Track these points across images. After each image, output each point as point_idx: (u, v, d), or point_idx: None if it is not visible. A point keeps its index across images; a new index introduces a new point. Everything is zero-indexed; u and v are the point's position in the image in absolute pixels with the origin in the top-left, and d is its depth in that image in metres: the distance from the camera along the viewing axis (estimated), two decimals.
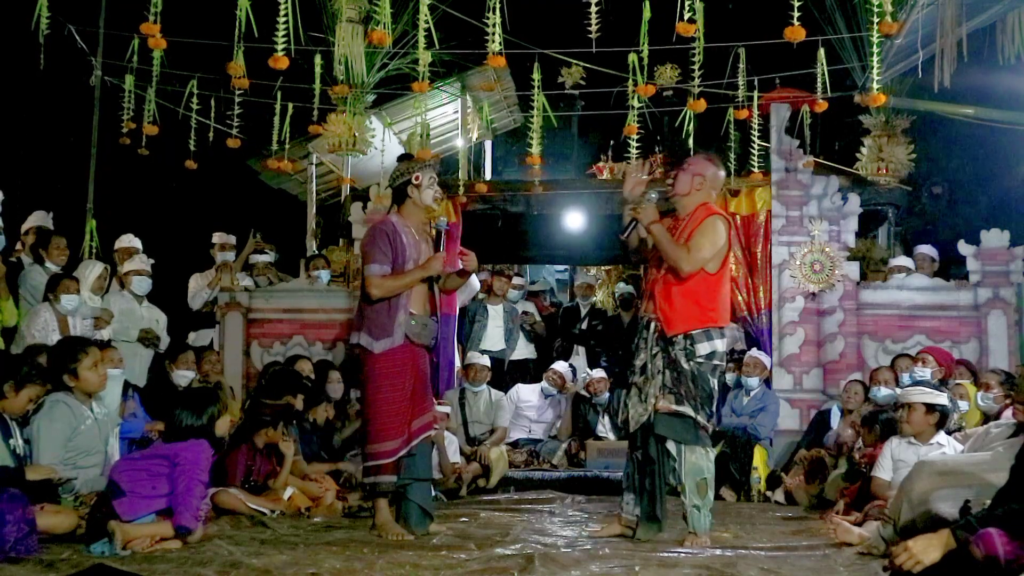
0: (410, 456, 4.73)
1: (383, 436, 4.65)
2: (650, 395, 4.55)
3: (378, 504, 4.71)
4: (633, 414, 4.61)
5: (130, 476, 4.21)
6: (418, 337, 4.73)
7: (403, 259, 4.69)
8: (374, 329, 4.67)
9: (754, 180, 7.99)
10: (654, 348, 4.58)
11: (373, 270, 4.66)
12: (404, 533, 4.57)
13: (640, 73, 6.70)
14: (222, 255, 8.52)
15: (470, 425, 7.88)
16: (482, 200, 8.67)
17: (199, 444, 4.35)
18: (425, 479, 4.89)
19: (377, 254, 4.66)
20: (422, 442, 4.78)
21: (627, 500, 4.79)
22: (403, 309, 4.68)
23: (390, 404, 4.66)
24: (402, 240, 4.71)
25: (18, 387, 4.43)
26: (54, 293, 6.35)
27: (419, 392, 4.78)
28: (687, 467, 4.52)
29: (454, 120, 8.97)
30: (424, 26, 5.77)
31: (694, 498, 4.52)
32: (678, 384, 4.50)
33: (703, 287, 4.56)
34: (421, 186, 4.78)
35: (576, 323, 9.40)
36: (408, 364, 4.71)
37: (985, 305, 7.88)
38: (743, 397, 7.57)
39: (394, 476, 4.69)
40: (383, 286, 4.65)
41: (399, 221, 4.79)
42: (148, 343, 7.28)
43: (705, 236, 4.55)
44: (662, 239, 4.54)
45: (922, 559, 2.92)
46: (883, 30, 5.48)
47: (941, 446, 4.96)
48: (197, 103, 7.51)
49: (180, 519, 4.14)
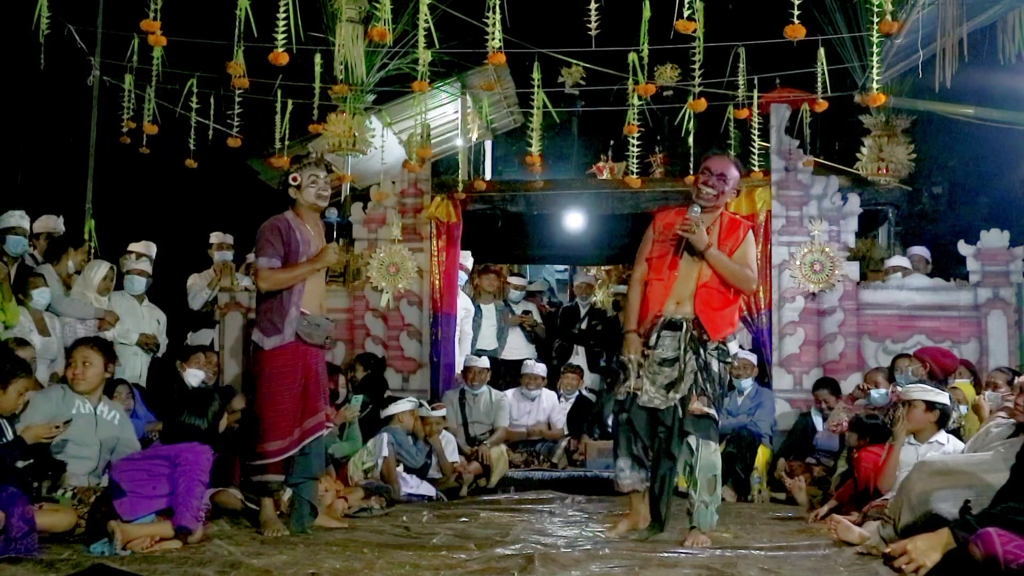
0: (303, 455, 4.78)
1: (271, 435, 4.69)
2: (679, 391, 4.56)
3: (263, 502, 4.76)
4: (648, 394, 4.61)
5: (130, 476, 4.21)
6: (310, 336, 4.76)
7: (296, 255, 4.76)
8: (265, 325, 4.73)
9: (754, 180, 7.99)
10: (686, 350, 4.61)
11: (261, 263, 4.74)
12: (283, 529, 4.65)
13: (640, 72, 6.69)
14: (220, 255, 8.52)
15: (470, 425, 7.89)
16: (482, 200, 8.67)
17: (200, 445, 4.36)
18: (316, 477, 4.94)
19: (267, 247, 4.73)
20: (315, 441, 4.82)
21: (622, 465, 4.78)
22: (295, 306, 4.72)
23: (280, 403, 4.69)
24: (296, 236, 4.78)
25: (4, 384, 4.39)
26: (25, 291, 6.34)
27: (312, 391, 4.80)
28: (702, 463, 4.56)
29: (454, 120, 8.96)
30: (424, 26, 5.77)
31: (704, 494, 4.55)
32: (709, 387, 4.58)
33: (735, 298, 4.72)
34: (301, 186, 4.87)
35: (576, 323, 9.39)
36: (299, 363, 4.75)
37: (985, 305, 7.88)
38: (736, 398, 7.58)
39: (282, 475, 4.75)
40: (271, 278, 4.70)
41: (294, 218, 4.87)
42: (148, 348, 7.30)
43: (751, 252, 4.73)
44: (726, 264, 4.63)
45: (923, 562, 2.92)
46: (883, 29, 5.47)
47: (942, 444, 4.96)
48: (197, 102, 7.50)
49: (180, 519, 4.14)
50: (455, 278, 8.52)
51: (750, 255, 4.72)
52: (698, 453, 4.56)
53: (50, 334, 6.51)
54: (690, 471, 4.58)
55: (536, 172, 8.33)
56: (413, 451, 6.73)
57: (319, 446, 4.92)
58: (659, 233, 4.84)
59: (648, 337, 4.69)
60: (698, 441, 4.56)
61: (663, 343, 4.66)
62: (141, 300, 7.50)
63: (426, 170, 8.53)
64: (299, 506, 4.84)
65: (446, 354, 8.41)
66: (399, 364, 8.37)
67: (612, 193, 8.68)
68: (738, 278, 4.65)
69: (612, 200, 8.64)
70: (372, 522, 5.32)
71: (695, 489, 4.56)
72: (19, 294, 6.34)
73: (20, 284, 6.41)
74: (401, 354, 8.40)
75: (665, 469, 4.66)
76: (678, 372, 4.59)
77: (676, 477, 4.68)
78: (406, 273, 8.33)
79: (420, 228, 8.50)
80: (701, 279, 4.66)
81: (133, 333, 7.25)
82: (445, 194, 8.50)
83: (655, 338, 4.67)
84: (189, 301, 8.40)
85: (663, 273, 4.73)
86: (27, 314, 6.33)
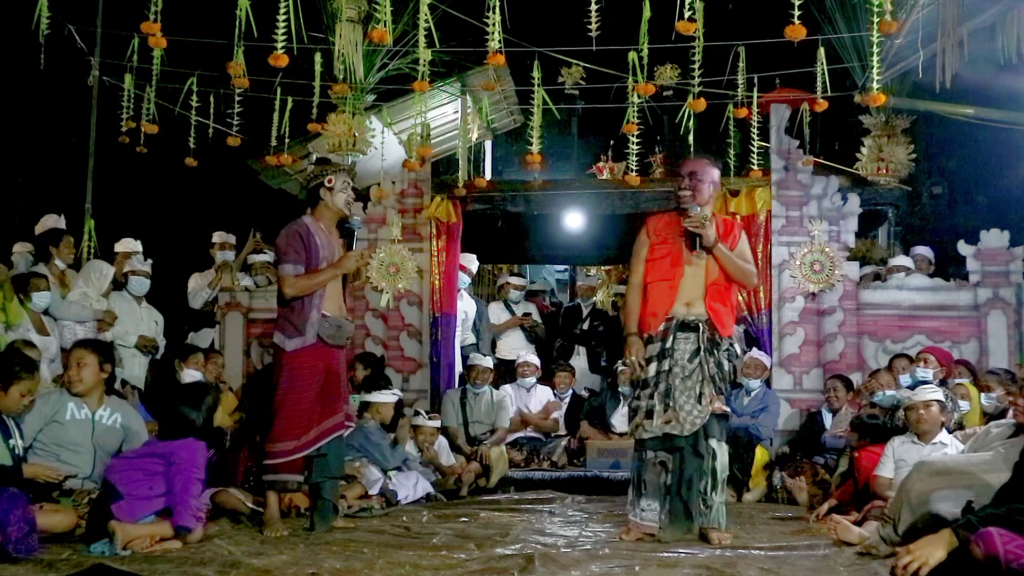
0: (320, 455, 4.83)
1: (287, 435, 4.73)
2: (705, 396, 4.60)
3: (270, 499, 4.82)
4: (688, 417, 4.59)
5: (127, 477, 4.21)
6: (332, 338, 4.84)
7: (316, 259, 4.82)
8: (287, 328, 4.79)
9: (754, 180, 7.98)
10: (704, 351, 4.63)
11: (287, 270, 4.78)
12: (284, 529, 4.69)
13: (640, 72, 6.69)
14: (222, 254, 8.53)
15: (471, 425, 7.88)
16: (482, 200, 8.66)
17: (195, 441, 4.35)
18: (336, 477, 5.02)
19: (291, 254, 4.78)
20: (332, 441, 4.87)
21: (644, 506, 4.69)
22: (316, 309, 4.79)
23: (297, 403, 4.75)
24: (315, 240, 4.83)
25: (6, 385, 4.39)
26: (25, 292, 6.34)
27: (330, 392, 4.86)
28: (720, 464, 4.62)
29: (454, 120, 8.96)
30: (424, 26, 5.76)
31: (721, 494, 4.64)
32: (723, 385, 4.67)
33: (736, 294, 4.73)
34: (334, 189, 4.93)
35: (578, 323, 9.40)
36: (319, 364, 4.81)
37: (985, 305, 7.88)
38: (743, 398, 7.56)
39: (300, 475, 4.80)
40: (296, 285, 4.77)
41: (312, 222, 4.92)
42: (147, 351, 7.29)
43: (747, 247, 4.84)
44: (731, 258, 4.71)
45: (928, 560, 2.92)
46: (883, 29, 5.47)
47: (944, 445, 4.97)
48: (196, 102, 7.50)
49: (180, 519, 4.14)
50: (455, 278, 8.52)
51: (748, 251, 4.84)
52: (717, 454, 4.61)
53: (49, 333, 6.51)
54: (713, 473, 4.60)
55: (536, 172, 8.33)
56: (388, 452, 6.38)
57: (338, 446, 4.97)
58: (656, 235, 4.84)
59: (664, 341, 4.68)
60: (718, 443, 4.64)
61: (679, 346, 4.65)
62: (140, 301, 7.50)
63: (426, 170, 8.52)
64: (321, 506, 4.88)
65: (446, 354, 8.41)
66: (399, 364, 8.37)
67: (612, 193, 8.68)
68: (744, 272, 4.73)
69: (612, 200, 8.64)
70: (372, 522, 5.32)
71: (716, 491, 4.59)
72: (19, 294, 6.33)
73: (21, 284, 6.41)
74: (401, 354, 8.40)
75: (692, 469, 4.64)
76: (701, 376, 4.61)
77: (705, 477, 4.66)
78: (406, 273, 8.33)
79: (420, 228, 8.50)
80: (710, 277, 4.70)
81: (132, 335, 7.25)
82: (445, 194, 8.50)
83: (671, 340, 4.66)
84: (190, 301, 8.40)
85: (668, 273, 4.73)
86: (26, 314, 6.33)
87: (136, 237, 7.81)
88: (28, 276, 6.49)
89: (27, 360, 4.67)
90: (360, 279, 8.03)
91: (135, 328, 7.31)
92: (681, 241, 4.73)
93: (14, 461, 4.41)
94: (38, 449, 4.66)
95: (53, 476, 4.50)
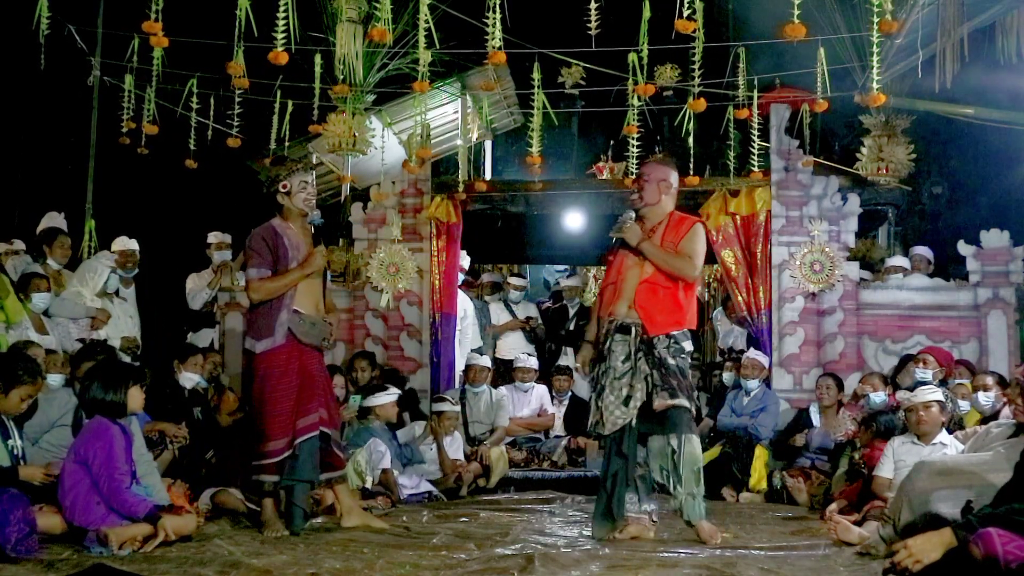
0: (294, 457, 4.77)
1: (270, 436, 4.72)
2: (634, 398, 4.61)
3: (264, 502, 4.80)
4: (609, 416, 4.67)
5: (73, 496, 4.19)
6: (306, 336, 4.82)
7: (286, 260, 4.81)
8: (256, 330, 4.78)
9: (754, 180, 7.98)
10: (637, 352, 4.64)
11: (251, 274, 4.79)
12: (283, 529, 4.68)
13: (640, 72, 6.69)
14: (219, 255, 8.51)
15: (470, 425, 7.89)
16: (482, 200, 8.67)
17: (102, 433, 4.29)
18: (308, 480, 4.87)
19: (255, 258, 4.79)
20: (307, 442, 4.78)
21: (629, 499, 4.78)
22: (286, 309, 4.78)
23: (273, 405, 4.72)
24: (283, 242, 4.83)
25: (8, 387, 4.39)
26: (26, 292, 6.33)
27: (306, 392, 4.82)
28: (686, 457, 4.60)
29: (454, 120, 8.95)
30: (424, 26, 5.76)
31: (691, 487, 4.59)
32: (668, 380, 4.61)
33: (685, 292, 4.77)
34: (291, 192, 4.92)
35: (564, 324, 9.40)
36: (292, 364, 4.78)
37: (985, 305, 7.88)
38: (743, 398, 7.55)
39: (276, 476, 4.76)
40: (261, 289, 4.77)
41: (281, 224, 4.92)
42: (129, 352, 7.24)
43: (697, 243, 4.79)
44: (658, 254, 4.72)
45: (922, 558, 2.92)
46: (883, 29, 5.46)
47: (944, 445, 4.97)
48: (197, 102, 7.49)
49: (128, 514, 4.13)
50: (455, 278, 8.52)
51: (694, 245, 4.77)
52: (681, 449, 4.60)
53: (48, 333, 6.50)
54: (673, 468, 4.60)
55: (536, 172, 8.32)
56: (395, 451, 6.52)
57: (311, 448, 4.82)
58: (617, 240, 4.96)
59: (605, 343, 4.76)
60: (680, 438, 4.60)
61: (615, 348, 4.71)
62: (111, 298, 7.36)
63: (426, 170, 8.52)
64: (290, 509, 4.80)
65: (446, 354, 8.41)
66: (399, 364, 8.36)
67: (612, 193, 8.68)
68: (674, 266, 4.71)
69: (612, 200, 8.64)
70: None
71: (681, 484, 4.58)
72: (19, 294, 6.33)
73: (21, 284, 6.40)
74: (401, 354, 8.40)
75: (617, 467, 4.70)
76: (631, 380, 4.64)
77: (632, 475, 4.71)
78: (406, 273, 8.33)
79: (420, 228, 8.50)
80: (643, 276, 4.75)
81: (115, 339, 7.18)
82: (445, 194, 8.50)
83: (608, 343, 4.73)
84: (188, 302, 8.38)
85: (614, 276, 4.85)
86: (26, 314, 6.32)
87: (136, 237, 7.79)
88: (29, 276, 6.48)
89: (31, 364, 4.67)
90: (360, 279, 8.04)
91: (116, 332, 7.22)
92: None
93: (14, 462, 4.41)
94: (45, 451, 4.67)
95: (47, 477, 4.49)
